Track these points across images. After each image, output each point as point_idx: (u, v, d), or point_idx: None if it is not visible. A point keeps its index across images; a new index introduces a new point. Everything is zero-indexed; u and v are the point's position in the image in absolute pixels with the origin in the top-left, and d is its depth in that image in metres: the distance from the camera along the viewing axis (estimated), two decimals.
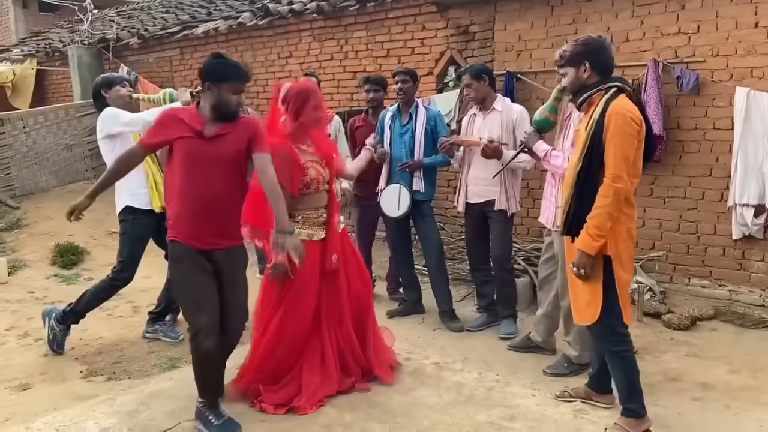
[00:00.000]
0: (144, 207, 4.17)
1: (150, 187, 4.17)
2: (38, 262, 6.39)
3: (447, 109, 5.88)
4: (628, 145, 2.75)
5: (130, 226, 4.18)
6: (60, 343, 4.15)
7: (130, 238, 4.19)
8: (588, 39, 2.96)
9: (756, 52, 4.45)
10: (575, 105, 3.04)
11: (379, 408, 3.28)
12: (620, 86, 2.88)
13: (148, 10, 11.55)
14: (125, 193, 4.16)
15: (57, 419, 3.21)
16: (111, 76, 4.39)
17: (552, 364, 3.71)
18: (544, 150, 3.59)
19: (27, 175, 8.48)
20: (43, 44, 11.64)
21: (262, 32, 7.69)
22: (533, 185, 5.52)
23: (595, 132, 2.78)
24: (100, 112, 4.16)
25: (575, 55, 2.93)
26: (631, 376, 2.95)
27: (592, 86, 2.90)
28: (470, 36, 5.95)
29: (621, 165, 2.74)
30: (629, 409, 2.95)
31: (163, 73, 9.11)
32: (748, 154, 4.47)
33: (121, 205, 4.19)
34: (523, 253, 5.36)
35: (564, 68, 2.99)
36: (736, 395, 3.41)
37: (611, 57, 2.96)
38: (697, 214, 4.81)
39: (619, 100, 2.80)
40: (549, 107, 3.71)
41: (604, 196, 2.75)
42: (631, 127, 2.75)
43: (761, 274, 4.58)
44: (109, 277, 4.21)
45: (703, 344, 4.15)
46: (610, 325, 2.90)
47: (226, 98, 2.96)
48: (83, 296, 4.20)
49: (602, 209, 2.75)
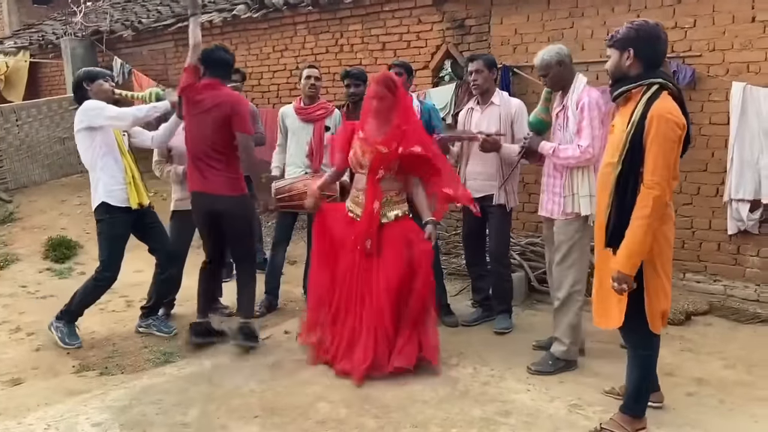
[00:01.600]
0: (120, 204, 4.07)
1: (128, 183, 4.09)
2: (31, 256, 6.34)
3: (443, 103, 5.86)
4: (670, 151, 2.59)
5: (107, 226, 4.09)
6: (71, 335, 4.13)
7: (109, 237, 4.12)
8: (642, 25, 2.73)
9: (752, 46, 4.45)
10: (611, 96, 2.86)
11: (373, 403, 3.27)
12: (663, 83, 2.67)
13: (142, 2, 11.44)
14: (102, 189, 4.06)
15: (48, 414, 3.19)
16: (94, 70, 4.29)
17: (537, 361, 3.69)
18: (551, 147, 3.59)
19: (20, 169, 8.42)
20: (37, 36, 11.52)
21: (257, 25, 7.64)
22: (528, 179, 5.50)
23: (634, 134, 2.61)
24: (79, 105, 4.08)
25: (623, 39, 2.73)
26: (647, 379, 2.92)
27: (633, 79, 2.71)
28: (466, 29, 5.92)
29: (663, 172, 2.57)
30: (631, 407, 2.91)
31: (157, 66, 9.05)
32: (744, 149, 4.47)
33: (96, 201, 4.09)
34: (518, 247, 5.35)
35: (610, 49, 2.80)
36: (731, 390, 3.41)
37: (662, 50, 2.76)
38: (692, 209, 4.81)
39: (662, 100, 2.62)
40: (541, 109, 3.75)
41: (644, 207, 2.58)
42: (674, 132, 2.58)
43: (756, 269, 4.59)
44: (93, 278, 4.17)
45: (697, 339, 4.15)
46: (638, 332, 2.81)
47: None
48: (74, 297, 4.18)
49: (642, 221, 2.59)
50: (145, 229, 4.25)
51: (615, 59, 2.79)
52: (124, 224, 4.13)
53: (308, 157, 4.64)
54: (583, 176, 3.52)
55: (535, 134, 3.76)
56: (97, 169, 4.07)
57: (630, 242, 2.62)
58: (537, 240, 5.39)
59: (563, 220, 3.59)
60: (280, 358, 3.88)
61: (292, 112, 4.74)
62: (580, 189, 3.52)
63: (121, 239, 4.16)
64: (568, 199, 3.55)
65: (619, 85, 2.77)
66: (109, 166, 4.06)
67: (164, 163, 4.54)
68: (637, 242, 2.61)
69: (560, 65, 3.58)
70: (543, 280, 4.99)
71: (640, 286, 2.71)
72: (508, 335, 4.24)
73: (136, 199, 4.10)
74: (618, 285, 2.66)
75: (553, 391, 3.39)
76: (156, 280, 4.40)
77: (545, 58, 3.58)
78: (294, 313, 4.71)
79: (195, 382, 3.57)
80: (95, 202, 4.11)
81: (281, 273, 4.89)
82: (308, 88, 4.68)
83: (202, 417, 3.17)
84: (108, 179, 4.04)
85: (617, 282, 2.66)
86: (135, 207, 4.10)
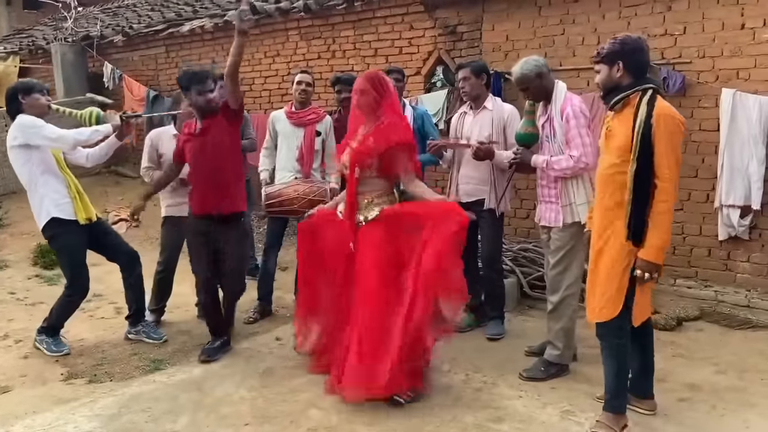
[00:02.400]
0: (69, 217, 3.97)
1: (73, 198, 3.99)
2: (19, 263, 6.29)
3: (435, 108, 5.87)
4: (678, 147, 2.79)
5: (63, 239, 4.00)
6: (57, 343, 4.08)
7: (67, 251, 4.04)
8: (626, 39, 2.91)
9: (742, 53, 4.48)
10: (606, 104, 3.00)
11: (365, 410, 3.24)
12: (656, 88, 2.86)
13: (133, 8, 11.43)
14: (48, 204, 3.94)
15: (36, 422, 3.15)
16: (31, 82, 4.09)
17: (529, 367, 3.68)
18: (543, 161, 3.60)
19: (9, 174, 8.28)
20: (27, 41, 11.48)
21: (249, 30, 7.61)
22: (520, 185, 5.51)
23: (645, 133, 2.76)
24: (12, 118, 3.93)
25: (611, 53, 2.89)
26: (625, 369, 2.99)
27: (626, 87, 2.87)
28: (458, 36, 5.94)
29: (675, 168, 2.76)
30: (614, 405, 2.95)
31: (148, 72, 9.02)
32: (734, 156, 4.49)
33: (44, 218, 3.95)
34: (511, 253, 5.35)
35: (598, 65, 2.96)
36: (723, 396, 3.41)
37: (647, 59, 2.94)
38: (683, 214, 4.82)
39: (662, 102, 2.80)
40: (526, 122, 3.75)
41: (664, 201, 2.76)
42: (680, 130, 2.79)
43: (747, 274, 4.61)
44: (64, 294, 4.11)
45: (689, 345, 4.16)
46: (619, 321, 2.91)
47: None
48: (51, 313, 4.13)
49: (665, 215, 2.78)
50: (98, 241, 4.15)
51: (605, 73, 2.94)
52: (79, 234, 4.02)
53: (298, 162, 4.63)
54: (578, 184, 3.54)
55: (524, 148, 3.74)
56: (38, 186, 3.94)
57: (660, 233, 2.79)
58: (529, 246, 5.40)
59: (564, 228, 3.59)
60: (271, 365, 3.85)
61: (283, 117, 4.73)
62: (577, 197, 3.54)
63: (79, 250, 4.05)
64: (567, 209, 3.56)
65: (614, 94, 2.90)
66: (50, 182, 3.95)
67: (154, 169, 4.51)
68: (666, 232, 2.80)
69: (540, 77, 3.57)
70: (535, 286, 4.99)
71: (633, 280, 2.85)
72: (501, 341, 4.23)
73: (83, 214, 4.01)
74: (648, 275, 2.81)
75: (546, 397, 3.38)
76: (126, 285, 4.31)
77: (524, 72, 3.57)
78: (285, 319, 4.68)
79: (185, 389, 3.54)
80: (42, 220, 3.97)
81: (273, 279, 4.87)
82: (299, 93, 4.67)
83: (191, 425, 3.13)
84: (53, 194, 3.93)
85: (648, 272, 2.80)
86: (84, 222, 4.01)
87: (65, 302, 4.11)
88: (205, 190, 3.85)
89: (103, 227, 4.22)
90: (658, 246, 2.80)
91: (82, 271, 4.07)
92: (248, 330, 4.48)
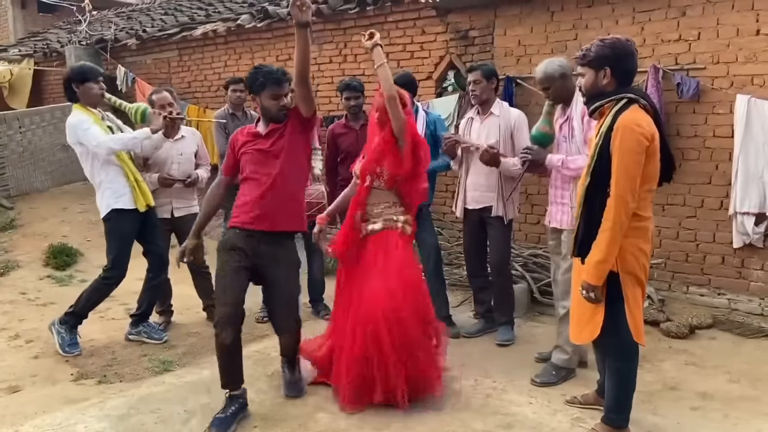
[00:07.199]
0: (128, 207, 4.09)
1: (132, 187, 4.10)
2: (31, 263, 6.33)
3: (446, 113, 5.85)
4: (634, 163, 2.59)
5: (116, 224, 4.11)
6: (72, 344, 4.11)
7: (118, 236, 4.13)
8: (616, 43, 2.74)
9: (757, 59, 4.43)
10: (588, 111, 2.90)
11: (373, 414, 3.22)
12: (632, 97, 2.69)
13: (147, 12, 11.51)
14: (109, 196, 4.08)
15: (46, 422, 3.17)
16: (84, 69, 4.09)
17: (539, 372, 3.66)
18: (559, 159, 3.57)
19: (22, 176, 8.43)
20: (41, 44, 11.58)
21: (261, 34, 7.66)
22: (531, 191, 5.49)
23: (602, 145, 2.63)
24: (69, 100, 4.07)
25: (600, 58, 2.73)
26: (627, 392, 2.88)
27: (609, 94, 2.73)
28: (470, 41, 5.93)
29: (624, 184, 2.59)
30: (611, 418, 2.90)
31: (161, 75, 9.07)
32: (748, 162, 4.45)
33: (105, 209, 4.10)
34: (521, 259, 5.32)
35: (583, 68, 2.80)
36: (735, 405, 3.37)
37: (635, 65, 2.79)
38: (696, 221, 4.78)
39: (630, 112, 2.63)
40: (544, 122, 3.72)
41: (607, 220, 2.62)
42: (638, 143, 2.57)
43: (761, 282, 4.55)
44: (101, 276, 4.17)
45: (701, 353, 4.11)
46: (617, 344, 2.80)
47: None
48: (80, 298, 4.17)
49: (606, 233, 2.62)
50: (146, 229, 4.24)
51: (591, 78, 2.79)
52: (133, 223, 4.14)
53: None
54: None
55: (539, 147, 3.73)
56: (99, 179, 4.09)
57: (597, 251, 2.66)
58: (539, 251, 5.37)
59: (572, 230, 3.56)
60: (279, 368, 3.84)
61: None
62: None
63: (129, 238, 4.17)
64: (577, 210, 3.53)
65: (596, 101, 2.78)
66: (111, 175, 4.08)
67: (140, 172, 4.51)
68: (602, 251, 2.64)
69: (563, 78, 3.56)
70: (545, 291, 4.97)
71: (621, 297, 2.72)
72: (511, 347, 4.21)
73: (142, 201, 4.13)
74: (585, 293, 2.72)
75: (556, 403, 3.36)
76: (147, 286, 4.37)
77: (548, 71, 3.56)
78: None
79: (194, 391, 3.55)
80: (103, 211, 4.12)
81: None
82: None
83: (200, 426, 3.13)
84: (114, 187, 4.06)
85: (584, 290, 2.72)
86: (143, 209, 4.12)
87: (100, 285, 4.16)
88: (263, 203, 3.25)
89: (154, 218, 4.30)
90: (591, 264, 2.66)
91: (126, 258, 4.16)
92: (258, 331, 4.48)
